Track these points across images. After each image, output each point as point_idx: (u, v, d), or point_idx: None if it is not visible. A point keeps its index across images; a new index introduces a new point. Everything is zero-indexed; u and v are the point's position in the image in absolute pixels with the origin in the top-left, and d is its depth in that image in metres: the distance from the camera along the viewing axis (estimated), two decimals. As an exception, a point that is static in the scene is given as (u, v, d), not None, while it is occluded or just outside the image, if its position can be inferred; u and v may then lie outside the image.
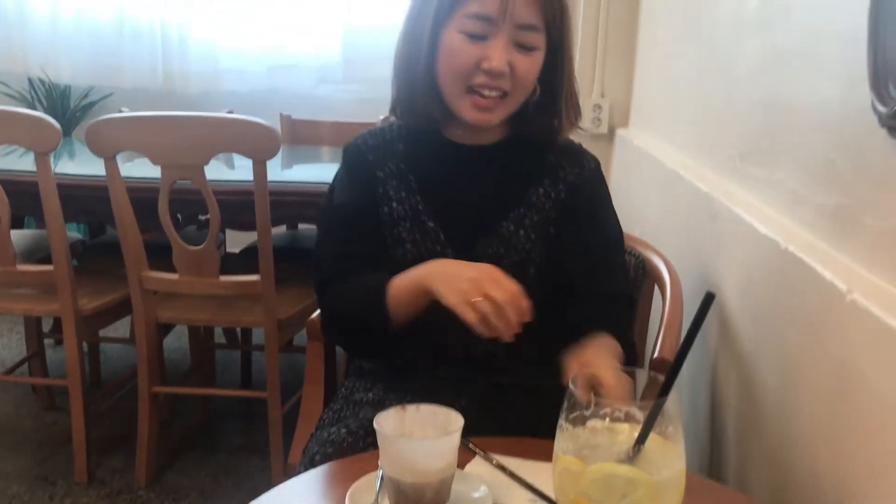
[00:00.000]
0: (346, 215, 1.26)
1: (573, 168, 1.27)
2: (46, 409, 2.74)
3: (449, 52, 1.15)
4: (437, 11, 1.15)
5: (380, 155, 1.27)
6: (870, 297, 0.91)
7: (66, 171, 2.35)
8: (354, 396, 1.27)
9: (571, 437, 0.73)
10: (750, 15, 1.51)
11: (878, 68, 0.89)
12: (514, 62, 1.14)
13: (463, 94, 1.16)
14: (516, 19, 1.12)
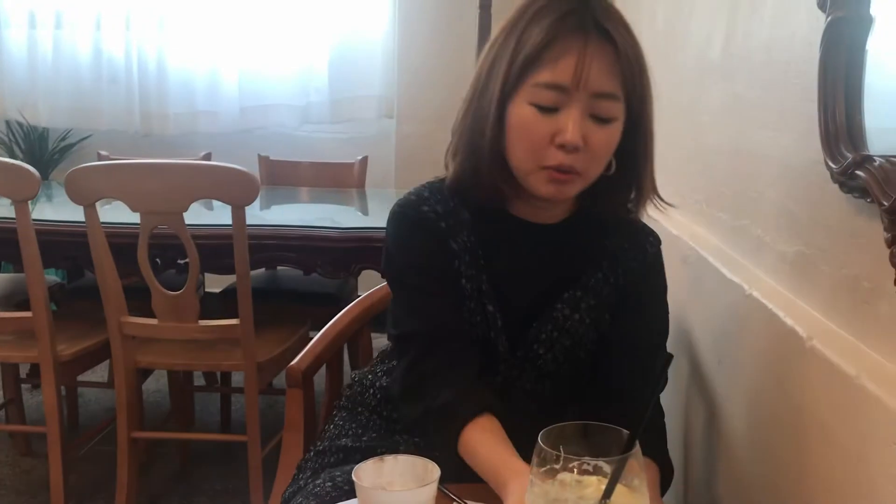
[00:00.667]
0: (432, 287, 1.14)
1: (636, 253, 1.19)
2: (23, 456, 2.72)
3: (519, 127, 1.05)
4: (505, 81, 1.04)
5: (451, 223, 1.14)
6: (828, 344, 0.94)
7: (44, 214, 2.36)
8: (341, 441, 1.25)
9: (542, 492, 0.75)
10: (713, 63, 1.57)
11: (829, 128, 0.94)
12: (588, 135, 1.03)
13: (536, 170, 1.06)
14: (592, 88, 1.01)
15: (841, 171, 0.91)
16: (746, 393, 1.22)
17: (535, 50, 1.02)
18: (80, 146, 3.89)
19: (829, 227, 1.01)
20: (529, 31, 1.03)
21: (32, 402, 3.05)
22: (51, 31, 3.75)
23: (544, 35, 1.01)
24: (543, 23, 1.02)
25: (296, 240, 2.32)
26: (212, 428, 2.99)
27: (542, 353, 1.15)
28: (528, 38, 1.02)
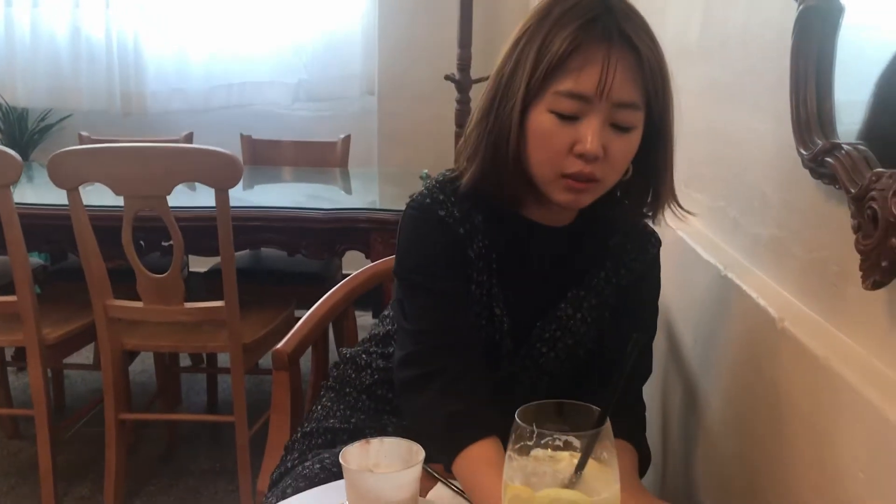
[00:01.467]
0: (446, 292, 1.14)
1: (638, 253, 1.20)
2: (10, 438, 2.74)
3: (539, 135, 1.03)
4: (528, 88, 1.02)
5: (468, 228, 1.14)
6: (798, 325, 0.98)
7: (25, 196, 2.36)
8: (328, 423, 1.27)
9: (519, 467, 0.78)
10: (692, 45, 1.59)
11: (800, 115, 0.96)
12: (608, 145, 1.01)
13: (556, 178, 1.05)
14: (614, 97, 1.00)
15: (811, 157, 0.94)
16: (722, 372, 1.25)
17: (559, 58, 1.00)
18: (60, 126, 3.86)
19: (800, 212, 1.04)
20: (553, 36, 1.01)
21: (18, 384, 3.06)
22: (28, 9, 3.70)
23: (569, 43, 0.99)
24: (567, 29, 1.00)
25: (280, 221, 2.34)
26: (198, 409, 3.02)
27: (544, 352, 1.17)
28: (552, 45, 1.00)
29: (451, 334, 1.12)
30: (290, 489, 1.14)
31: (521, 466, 0.79)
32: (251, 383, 3.08)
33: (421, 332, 1.13)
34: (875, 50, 0.88)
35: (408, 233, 1.17)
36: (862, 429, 0.81)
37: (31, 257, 2.43)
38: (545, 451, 0.79)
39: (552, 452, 0.79)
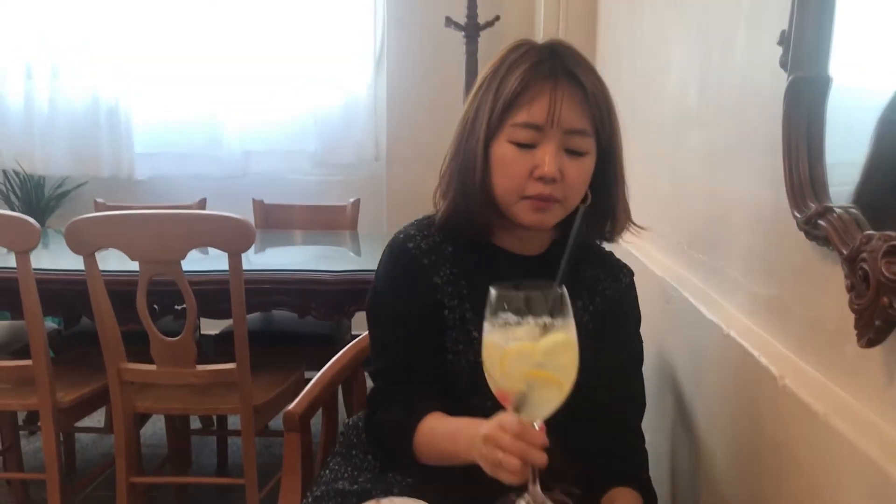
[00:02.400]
0: (405, 328, 1.24)
1: (611, 282, 1.29)
2: (21, 503, 2.73)
3: (501, 163, 1.16)
4: (489, 123, 1.16)
5: (433, 258, 1.25)
6: (798, 382, 1.00)
7: (41, 261, 2.40)
8: (337, 485, 1.28)
9: (505, 333, 0.90)
10: (689, 111, 1.64)
11: (793, 180, 1.01)
12: (564, 168, 1.14)
13: (519, 200, 1.17)
14: (564, 125, 1.13)
15: (805, 220, 0.98)
16: (726, 429, 1.27)
17: (512, 95, 1.14)
18: (76, 193, 3.94)
19: (796, 272, 1.07)
20: (507, 79, 1.15)
21: (29, 448, 3.06)
22: (48, 81, 3.82)
23: (519, 82, 1.14)
24: (518, 71, 1.15)
25: (290, 283, 2.37)
26: (209, 471, 3.01)
27: None
28: (506, 86, 1.15)
29: (406, 371, 1.22)
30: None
31: (508, 331, 0.90)
32: (261, 445, 3.08)
33: (378, 371, 1.26)
34: (863, 117, 0.92)
35: (380, 268, 1.29)
36: (862, 484, 0.83)
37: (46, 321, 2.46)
38: (515, 316, 0.91)
39: (520, 318, 0.90)
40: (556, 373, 0.90)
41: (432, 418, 1.16)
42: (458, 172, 1.21)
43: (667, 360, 1.63)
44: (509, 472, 0.92)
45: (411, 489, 1.19)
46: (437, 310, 1.23)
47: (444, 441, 1.12)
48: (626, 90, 2.27)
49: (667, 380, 1.62)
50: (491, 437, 0.94)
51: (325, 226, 3.33)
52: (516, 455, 0.91)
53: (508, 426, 0.93)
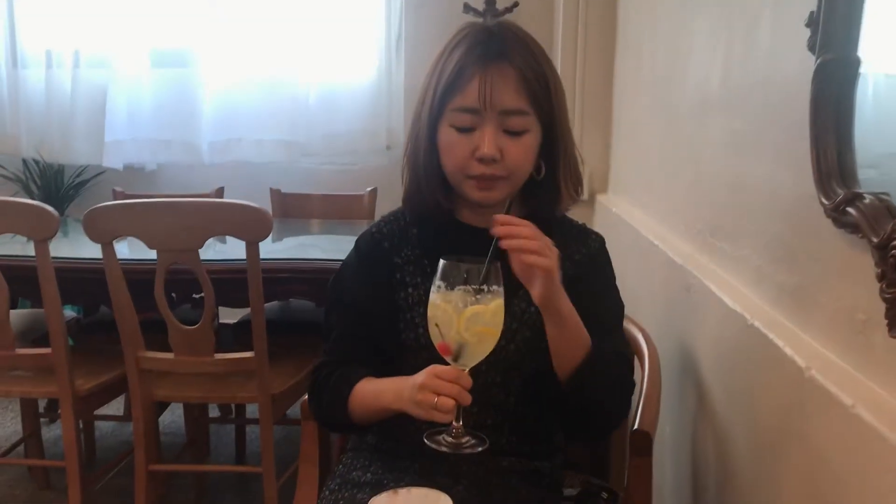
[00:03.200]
0: (356, 310, 1.32)
1: (579, 247, 1.32)
2: (41, 489, 2.75)
3: (445, 147, 1.22)
4: (431, 111, 1.22)
5: (395, 241, 1.33)
6: (826, 374, 0.98)
7: (60, 250, 2.40)
8: (352, 476, 1.31)
9: (452, 296, 1.05)
10: (713, 97, 1.61)
11: (821, 166, 0.98)
12: (504, 147, 1.19)
13: (465, 180, 1.23)
14: (499, 107, 1.17)
15: (833, 207, 0.95)
16: (750, 421, 1.25)
17: (448, 81, 1.20)
18: (95, 182, 3.95)
19: (824, 261, 1.05)
20: (446, 65, 1.21)
21: (49, 435, 3.09)
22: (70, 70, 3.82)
23: (454, 67, 1.19)
24: (455, 56, 1.20)
25: (308, 272, 2.36)
26: (227, 459, 3.02)
27: (503, 345, 1.20)
28: (445, 71, 1.20)
29: (347, 352, 1.31)
30: (319, 539, 1.15)
31: (460, 297, 1.05)
32: (279, 434, 3.08)
33: (325, 350, 1.35)
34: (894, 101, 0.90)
35: (346, 258, 1.39)
36: (892, 478, 0.81)
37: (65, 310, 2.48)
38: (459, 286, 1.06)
39: (464, 286, 1.05)
40: (495, 329, 1.07)
41: (361, 384, 1.25)
42: (411, 154, 1.28)
43: (688, 350, 1.61)
44: (443, 412, 1.05)
45: (422, 478, 1.22)
46: (395, 292, 1.30)
47: (371, 401, 1.22)
48: (647, 75, 2.24)
49: (688, 371, 1.59)
50: (428, 384, 1.07)
51: (342, 215, 3.32)
52: (453, 396, 1.05)
53: (443, 374, 1.07)
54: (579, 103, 2.92)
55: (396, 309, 1.30)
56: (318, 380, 1.32)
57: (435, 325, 1.07)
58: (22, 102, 3.87)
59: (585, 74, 2.89)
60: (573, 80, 2.91)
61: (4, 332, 2.20)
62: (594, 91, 2.88)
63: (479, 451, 1.10)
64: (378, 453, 1.34)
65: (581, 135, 2.93)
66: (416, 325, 1.27)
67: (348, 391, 1.25)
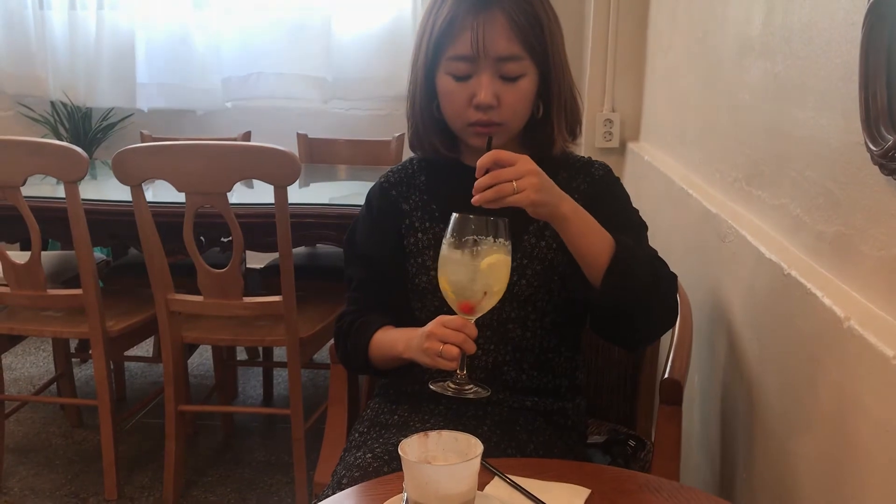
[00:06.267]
0: (371, 260, 1.36)
1: (584, 177, 1.33)
2: (74, 427, 2.82)
3: (444, 95, 1.24)
4: (426, 59, 1.23)
5: (403, 189, 1.36)
6: (866, 324, 0.96)
7: (88, 193, 2.42)
8: (380, 418, 1.33)
9: (463, 252, 1.06)
10: (753, 41, 1.56)
11: (870, 110, 0.94)
12: (501, 94, 1.20)
13: (465, 126, 1.24)
14: (493, 53, 1.18)
15: (881, 153, 0.92)
16: (785, 372, 1.23)
17: (441, 31, 1.21)
18: (122, 125, 3.96)
19: (868, 209, 1.02)
20: (439, 13, 1.21)
21: (81, 375, 3.15)
22: (94, 11, 3.81)
23: (446, 16, 1.20)
24: (447, 3, 1.21)
25: (335, 217, 2.36)
26: (254, 402, 3.07)
27: (515, 280, 1.24)
28: (438, 19, 1.21)
29: (365, 302, 1.35)
30: (346, 479, 1.16)
31: (456, 248, 1.07)
32: (306, 377, 3.12)
33: (348, 299, 1.38)
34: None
35: (359, 211, 1.42)
36: (934, 430, 0.79)
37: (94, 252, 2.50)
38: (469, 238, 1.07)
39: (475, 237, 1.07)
40: (501, 282, 1.09)
41: (378, 333, 1.29)
42: (409, 100, 1.31)
43: (721, 301, 1.59)
44: (448, 359, 1.08)
45: (446, 420, 1.26)
46: (405, 238, 1.33)
47: (387, 349, 1.25)
48: (685, 18, 2.18)
49: (720, 322, 1.58)
50: (435, 332, 1.10)
51: (369, 160, 3.30)
52: (458, 344, 1.08)
53: (449, 323, 1.09)
54: (612, 49, 2.86)
55: (408, 254, 1.33)
56: (341, 329, 1.36)
57: (444, 277, 1.09)
58: (48, 44, 3.87)
59: (619, 17, 2.82)
60: (606, 25, 2.84)
61: (36, 273, 2.23)
62: (627, 36, 2.82)
63: (482, 397, 1.12)
64: (405, 395, 1.35)
65: (614, 81, 2.88)
66: (427, 269, 1.30)
67: (367, 340, 1.29)
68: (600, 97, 2.90)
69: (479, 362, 1.28)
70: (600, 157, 1.41)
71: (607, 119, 2.88)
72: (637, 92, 2.84)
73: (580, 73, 3.05)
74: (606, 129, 2.89)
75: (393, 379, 1.37)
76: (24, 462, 2.59)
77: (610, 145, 2.88)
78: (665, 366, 1.39)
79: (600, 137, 2.89)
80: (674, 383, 1.34)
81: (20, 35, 3.87)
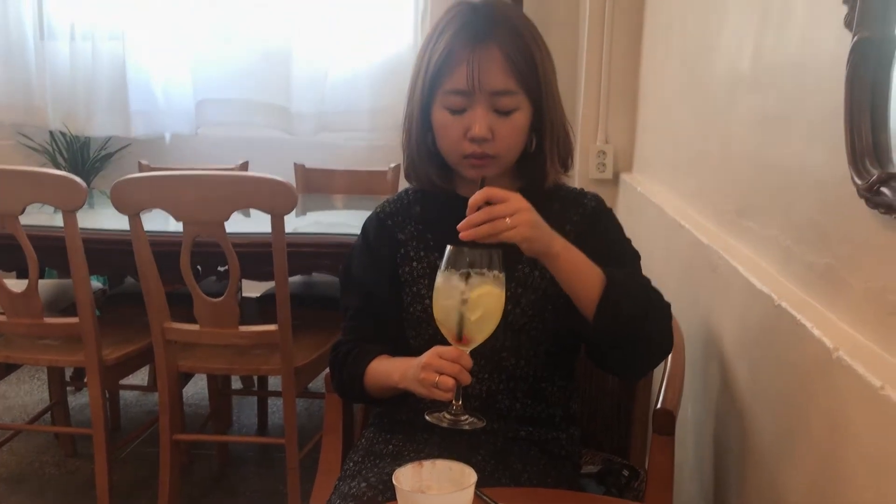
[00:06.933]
0: (366, 290, 1.37)
1: (576, 210, 1.34)
2: (68, 456, 2.81)
3: (439, 127, 1.26)
4: (423, 92, 1.26)
5: (398, 219, 1.38)
6: (854, 355, 0.97)
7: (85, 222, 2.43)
8: (374, 448, 1.34)
9: (457, 283, 1.08)
10: (743, 75, 1.59)
11: (855, 145, 0.97)
12: (495, 127, 1.22)
13: (461, 159, 1.26)
14: (488, 88, 1.21)
15: (867, 187, 0.94)
16: (776, 402, 1.24)
17: (437, 65, 1.23)
18: (120, 155, 3.98)
19: (855, 241, 1.04)
20: (435, 48, 1.23)
21: (76, 404, 3.14)
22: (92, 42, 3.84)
23: (442, 49, 1.22)
24: (443, 40, 1.23)
25: (331, 246, 2.37)
26: (249, 431, 3.06)
27: (510, 309, 1.23)
28: (435, 54, 1.23)
29: (361, 331, 1.37)
30: (340, 509, 1.16)
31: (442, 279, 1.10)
32: (300, 406, 3.12)
33: (344, 328, 1.40)
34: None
35: (355, 241, 1.44)
36: (921, 460, 0.80)
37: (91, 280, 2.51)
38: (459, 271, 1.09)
39: (465, 270, 1.09)
40: (496, 314, 1.11)
41: (374, 362, 1.30)
42: (405, 132, 1.33)
43: (713, 330, 1.60)
44: (444, 390, 1.09)
45: (441, 449, 1.24)
46: (400, 267, 1.34)
47: (383, 379, 1.27)
48: (678, 51, 2.22)
49: (712, 352, 1.59)
50: (430, 363, 1.11)
51: (366, 190, 3.32)
52: (453, 375, 1.09)
53: (445, 354, 1.11)
54: (605, 82, 2.89)
55: (403, 283, 1.34)
56: (337, 359, 1.37)
57: (438, 309, 1.11)
58: (48, 74, 3.90)
59: (612, 51, 2.86)
60: (600, 56, 2.88)
61: (33, 301, 2.23)
62: (621, 68, 2.86)
63: (477, 427, 1.13)
64: (399, 425, 1.36)
65: (607, 113, 2.91)
66: (422, 298, 1.31)
67: (363, 370, 1.31)
68: (594, 129, 2.93)
69: (473, 391, 1.29)
70: (594, 188, 1.43)
71: (601, 150, 2.91)
72: (630, 124, 2.87)
73: (574, 105, 3.09)
74: (600, 160, 2.92)
75: (387, 408, 1.38)
76: (17, 492, 2.57)
77: (603, 176, 2.91)
78: (658, 396, 1.40)
79: (594, 168, 2.91)
80: (666, 413, 1.35)
81: (20, 66, 3.90)
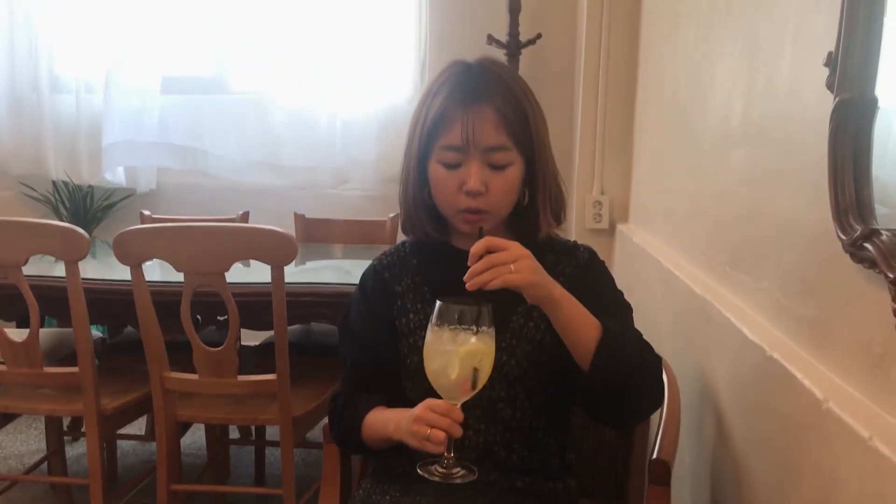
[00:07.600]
0: (364, 342, 1.40)
1: (570, 262, 1.38)
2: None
3: (435, 182, 1.31)
4: (419, 148, 1.31)
5: (395, 271, 1.42)
6: (843, 406, 0.99)
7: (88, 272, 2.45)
8: (372, 499, 1.34)
9: (447, 339, 1.11)
10: (733, 130, 1.64)
11: (839, 201, 1.00)
12: (488, 181, 1.27)
13: (455, 213, 1.31)
14: (482, 144, 1.26)
15: (850, 242, 0.97)
16: (769, 452, 1.26)
17: (433, 122, 1.28)
18: (122, 205, 4.02)
19: (842, 294, 1.07)
20: (432, 105, 1.29)
21: (73, 454, 3.13)
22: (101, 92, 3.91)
23: (438, 109, 1.27)
24: (439, 98, 1.28)
25: (330, 296, 2.39)
26: (246, 481, 3.05)
27: (504, 360, 1.29)
28: (431, 111, 1.29)
29: (359, 382, 1.39)
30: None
31: (434, 338, 1.13)
32: (298, 456, 3.10)
33: (343, 379, 1.43)
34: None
35: (353, 294, 1.47)
36: (909, 510, 0.82)
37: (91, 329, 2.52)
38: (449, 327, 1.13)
39: (452, 326, 1.13)
40: (485, 369, 1.14)
41: (371, 413, 1.33)
42: (402, 186, 1.37)
43: (707, 380, 1.62)
44: (435, 443, 1.12)
45: (437, 498, 1.27)
46: (397, 319, 1.37)
47: (379, 430, 1.29)
48: (669, 107, 2.27)
49: (708, 401, 1.61)
50: (422, 417, 1.14)
51: (365, 240, 3.36)
52: (444, 428, 1.12)
53: (436, 407, 1.13)
54: (600, 133, 2.95)
55: (399, 335, 1.37)
56: (336, 409, 1.40)
57: (427, 364, 1.14)
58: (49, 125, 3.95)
59: (607, 105, 2.93)
60: (595, 108, 2.95)
61: (34, 350, 2.25)
62: (616, 121, 2.92)
63: (468, 481, 1.15)
64: (396, 476, 1.37)
65: (602, 164, 2.96)
66: (418, 349, 1.30)
67: (360, 421, 1.33)
68: (590, 180, 2.98)
69: (470, 442, 1.30)
70: (591, 238, 1.47)
71: (596, 201, 2.95)
72: (626, 175, 2.92)
73: (570, 157, 3.14)
74: (596, 210, 2.96)
75: (385, 459, 1.39)
76: (12, 543, 2.55)
77: (600, 226, 2.95)
78: (654, 446, 1.41)
79: (590, 219, 2.95)
80: (662, 463, 1.36)
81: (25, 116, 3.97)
